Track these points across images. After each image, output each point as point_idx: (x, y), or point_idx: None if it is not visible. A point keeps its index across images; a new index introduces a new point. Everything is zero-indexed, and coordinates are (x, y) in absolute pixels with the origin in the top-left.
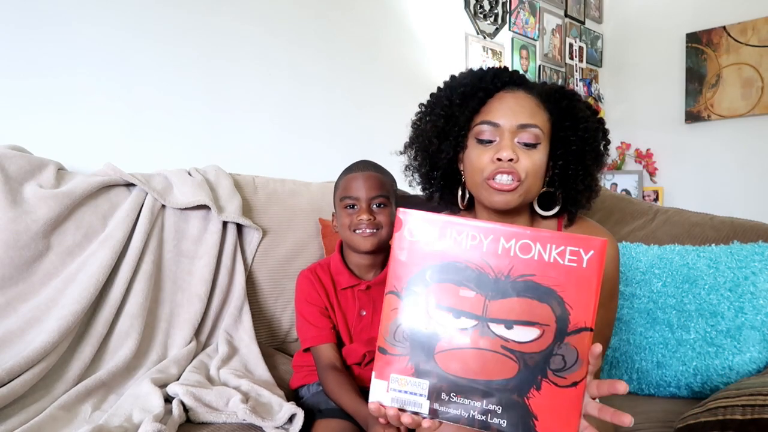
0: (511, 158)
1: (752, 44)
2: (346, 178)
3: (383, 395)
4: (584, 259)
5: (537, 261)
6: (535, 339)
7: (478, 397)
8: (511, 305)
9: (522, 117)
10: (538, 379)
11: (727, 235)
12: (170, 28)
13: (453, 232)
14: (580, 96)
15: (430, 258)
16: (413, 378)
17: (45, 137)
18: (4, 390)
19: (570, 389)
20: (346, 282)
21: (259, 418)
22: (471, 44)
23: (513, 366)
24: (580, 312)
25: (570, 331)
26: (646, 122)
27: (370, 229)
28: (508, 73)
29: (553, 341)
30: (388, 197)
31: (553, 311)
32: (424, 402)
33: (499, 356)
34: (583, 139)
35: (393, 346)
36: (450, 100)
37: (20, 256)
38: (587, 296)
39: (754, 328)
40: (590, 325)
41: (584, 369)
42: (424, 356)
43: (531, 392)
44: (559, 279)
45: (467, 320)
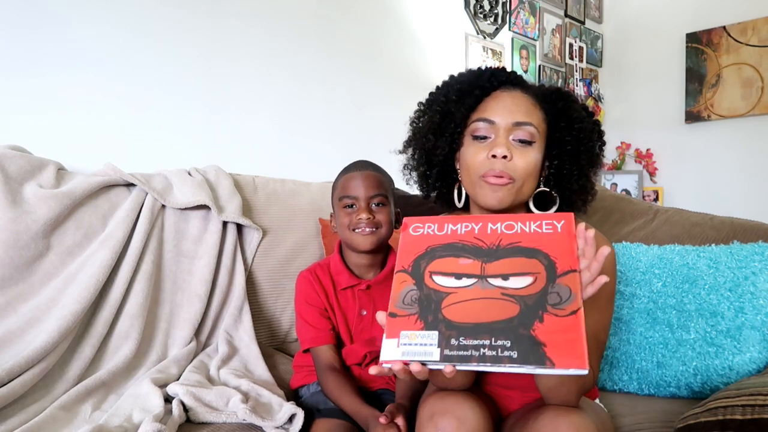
0: (505, 155)
1: (752, 44)
2: (344, 177)
3: (394, 351)
4: (558, 226)
5: (520, 233)
6: (530, 284)
7: (486, 336)
8: (504, 263)
9: (518, 115)
10: (539, 313)
11: (727, 235)
12: (170, 28)
13: (449, 225)
14: (577, 97)
15: (431, 242)
16: (423, 331)
17: (45, 137)
18: (4, 390)
19: (570, 317)
20: (346, 282)
21: (259, 418)
22: (471, 44)
23: (514, 307)
24: (564, 260)
25: (560, 273)
26: (646, 122)
27: (369, 227)
28: (506, 73)
29: (546, 283)
30: (387, 196)
31: (541, 262)
32: (434, 350)
33: (501, 301)
34: (578, 139)
35: (402, 309)
36: (446, 97)
37: (20, 256)
38: (567, 248)
39: (754, 328)
40: (575, 268)
41: (579, 301)
42: (431, 312)
43: (535, 324)
44: (541, 241)
45: (468, 279)
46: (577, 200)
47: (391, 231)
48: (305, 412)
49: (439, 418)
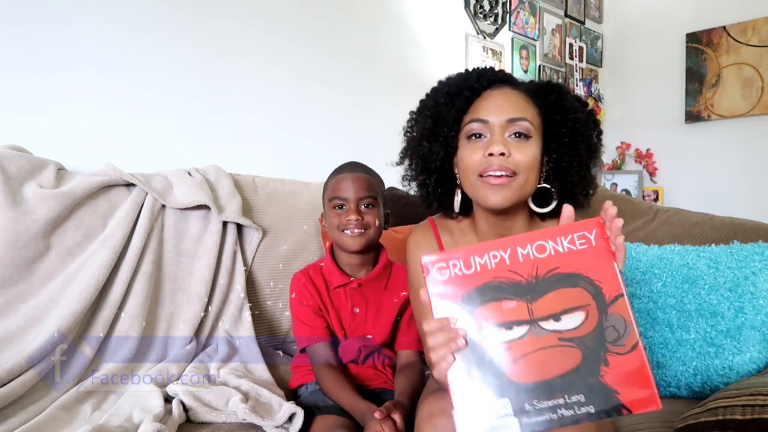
0: (502, 152)
1: (752, 44)
2: (335, 179)
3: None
4: (591, 238)
5: (555, 255)
6: (583, 321)
7: (559, 394)
8: (551, 300)
9: (511, 112)
10: (602, 356)
11: (727, 235)
12: (170, 28)
13: (476, 258)
14: (568, 88)
15: (465, 287)
16: (494, 399)
17: (45, 137)
18: (4, 390)
19: (633, 353)
20: (338, 281)
21: (259, 417)
22: (471, 44)
23: (576, 353)
24: (608, 283)
25: (608, 302)
26: (646, 122)
27: (358, 229)
28: (494, 72)
29: (599, 317)
30: (376, 198)
31: (588, 291)
32: (512, 422)
33: (561, 348)
34: (575, 130)
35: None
36: (435, 101)
37: (20, 256)
38: (608, 267)
39: (754, 328)
40: (621, 292)
41: (635, 331)
42: (496, 377)
43: (602, 370)
44: (579, 263)
45: (519, 328)
46: (578, 194)
47: (380, 232)
48: (305, 410)
49: (438, 417)
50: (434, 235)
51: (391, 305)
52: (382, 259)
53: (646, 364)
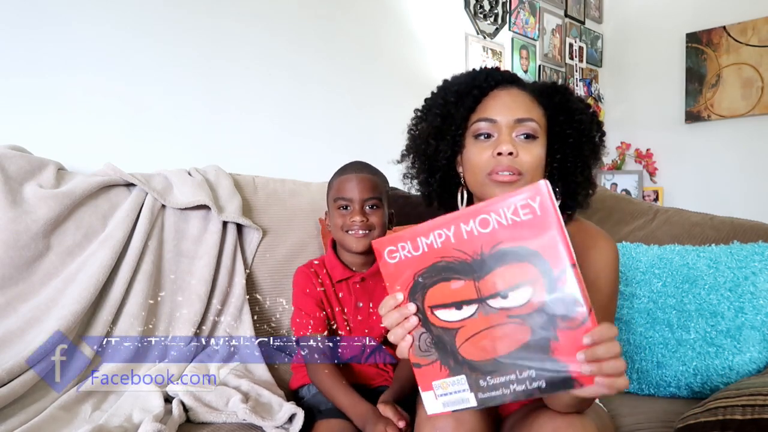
0: (511, 152)
1: (752, 44)
2: (339, 179)
3: (436, 404)
4: (535, 207)
5: (498, 229)
6: (531, 297)
7: (510, 370)
8: (497, 276)
9: (518, 112)
10: (552, 331)
11: (727, 235)
12: (170, 28)
13: (422, 239)
14: (572, 90)
15: (415, 268)
16: (450, 377)
17: (45, 137)
18: (4, 390)
19: (583, 326)
20: (341, 274)
21: (259, 417)
22: (471, 44)
23: (525, 329)
24: (556, 255)
25: (556, 275)
26: (646, 122)
27: (362, 230)
28: (501, 72)
29: (546, 291)
30: (381, 199)
31: (534, 265)
32: (469, 396)
33: (510, 326)
34: (579, 131)
35: (422, 356)
36: (445, 99)
37: (20, 256)
38: (555, 238)
39: (754, 328)
40: (572, 262)
41: (585, 303)
42: (450, 355)
43: (551, 345)
44: (524, 235)
45: (468, 308)
46: (580, 194)
47: (384, 233)
48: (306, 412)
49: (437, 418)
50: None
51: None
52: None
53: None
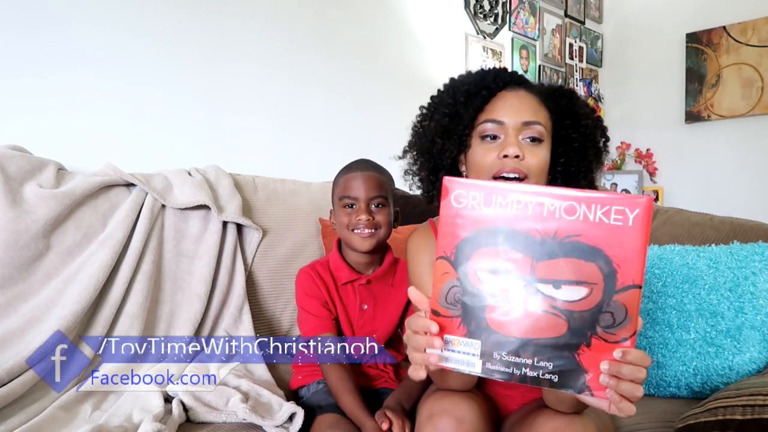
0: (517, 155)
1: (752, 44)
2: (345, 177)
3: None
4: (630, 217)
5: (582, 221)
6: (583, 298)
7: (529, 355)
8: (558, 265)
9: (526, 114)
10: (587, 336)
11: (727, 235)
12: (170, 28)
13: (498, 198)
14: (579, 95)
15: (477, 223)
16: (466, 338)
17: (45, 137)
18: (4, 390)
19: (620, 344)
20: (346, 277)
21: (259, 417)
22: (471, 44)
23: (562, 324)
24: (627, 270)
25: (618, 288)
26: (646, 122)
27: (368, 229)
28: (509, 74)
29: (601, 299)
30: (387, 197)
31: (601, 270)
32: (476, 362)
33: (549, 315)
34: (585, 135)
35: (446, 308)
36: (454, 99)
37: (20, 256)
38: (634, 254)
39: (754, 328)
40: (638, 283)
41: (633, 325)
42: (475, 317)
43: (581, 348)
44: (605, 238)
45: (516, 281)
46: None
47: (390, 231)
48: (306, 411)
49: (438, 418)
50: (434, 237)
51: (397, 302)
52: (388, 256)
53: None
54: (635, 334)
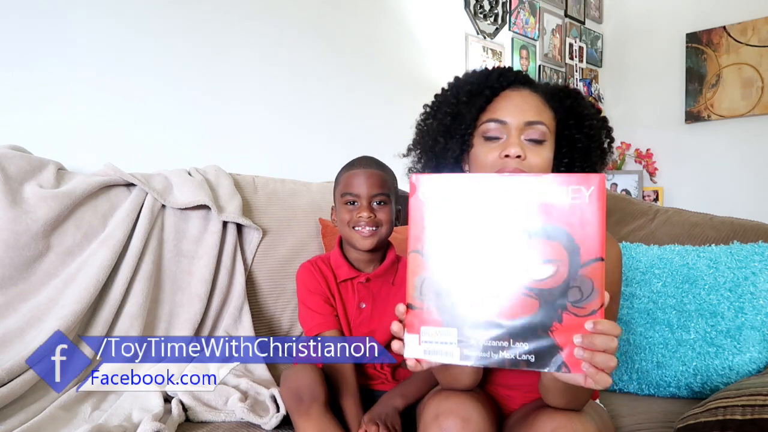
0: (519, 155)
1: (752, 44)
2: (347, 173)
3: (416, 349)
4: (586, 195)
5: (544, 204)
6: (551, 276)
7: (505, 338)
8: (526, 247)
9: (529, 114)
10: (558, 313)
11: (727, 235)
12: (170, 27)
13: (463, 189)
14: (584, 95)
15: (444, 214)
16: (442, 328)
17: (45, 137)
18: (4, 390)
19: (590, 317)
20: (346, 274)
21: (257, 416)
22: (471, 44)
23: (533, 303)
24: (589, 244)
25: (583, 263)
26: (646, 122)
27: (369, 227)
28: (513, 73)
29: (568, 275)
30: (389, 195)
31: (565, 247)
32: (454, 350)
33: (520, 296)
34: (589, 136)
35: (420, 300)
36: (457, 98)
37: (20, 256)
38: (593, 229)
39: (754, 328)
40: (601, 256)
41: (601, 297)
42: (449, 306)
43: (554, 325)
44: (565, 217)
45: (486, 267)
46: None
47: (392, 229)
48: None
49: (444, 418)
50: None
51: (397, 301)
52: (390, 254)
53: None
54: (603, 306)
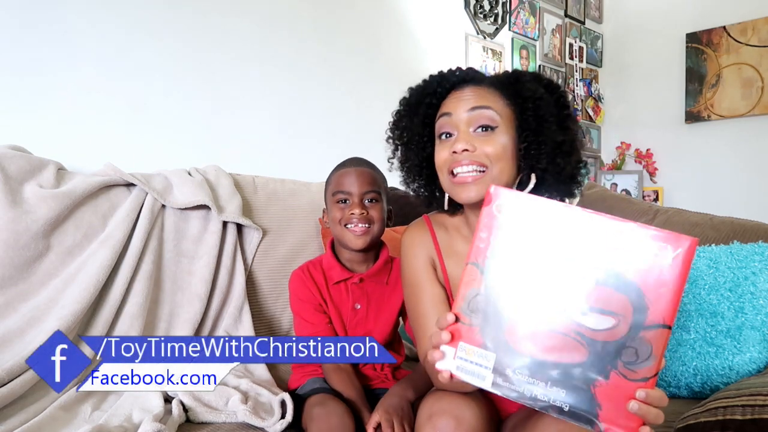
0: (466, 148)
1: (752, 44)
2: (338, 173)
3: (450, 362)
4: (671, 256)
5: (622, 251)
6: (609, 328)
7: (543, 378)
8: (589, 291)
9: (472, 101)
10: (606, 369)
11: (727, 235)
12: (170, 27)
13: (541, 214)
14: (533, 75)
15: (515, 236)
16: (481, 350)
17: (45, 137)
18: (4, 390)
19: (639, 383)
20: (338, 276)
21: (259, 419)
22: (471, 44)
23: (583, 351)
24: (659, 308)
25: (647, 325)
26: (646, 122)
27: (362, 223)
28: (455, 74)
29: (627, 333)
30: (380, 193)
31: (632, 303)
32: (487, 375)
33: (570, 340)
34: (538, 117)
35: (467, 315)
36: (399, 113)
37: (20, 256)
38: (669, 293)
39: (754, 328)
40: (668, 323)
41: (657, 365)
42: (494, 330)
43: (598, 381)
44: (642, 272)
45: (542, 300)
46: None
47: (383, 228)
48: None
49: (438, 418)
50: (429, 232)
51: (393, 302)
52: (383, 254)
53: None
54: (657, 374)
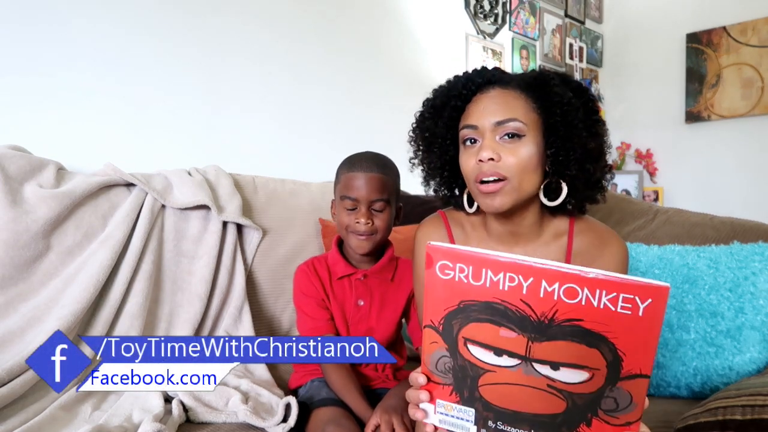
0: (491, 157)
1: (752, 44)
2: (348, 175)
3: (432, 417)
4: (640, 307)
5: (585, 306)
6: (584, 381)
7: (526, 427)
8: (557, 347)
9: (498, 114)
10: (588, 417)
11: (727, 235)
12: (170, 27)
13: (489, 272)
14: (560, 77)
15: (465, 296)
16: (459, 405)
17: (45, 137)
18: (4, 390)
19: (623, 428)
20: (342, 271)
21: (260, 419)
22: (471, 44)
23: (560, 403)
24: (635, 358)
25: (623, 376)
26: (646, 122)
27: (366, 233)
28: (482, 75)
29: (603, 384)
30: (389, 200)
31: (604, 356)
32: (471, 427)
33: (546, 394)
34: (567, 122)
35: (437, 375)
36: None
37: (20, 256)
38: (643, 344)
39: (754, 328)
40: (646, 373)
41: (639, 411)
42: (468, 387)
43: (581, 428)
44: (610, 326)
45: (510, 359)
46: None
47: (388, 233)
48: (303, 408)
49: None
50: (445, 228)
51: (397, 299)
52: (388, 252)
53: None
54: (639, 419)
